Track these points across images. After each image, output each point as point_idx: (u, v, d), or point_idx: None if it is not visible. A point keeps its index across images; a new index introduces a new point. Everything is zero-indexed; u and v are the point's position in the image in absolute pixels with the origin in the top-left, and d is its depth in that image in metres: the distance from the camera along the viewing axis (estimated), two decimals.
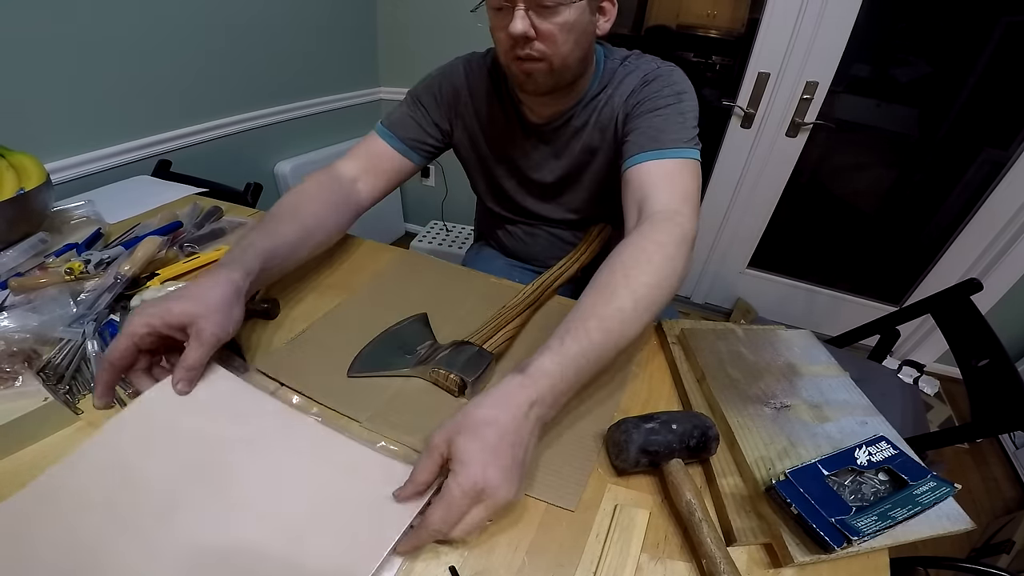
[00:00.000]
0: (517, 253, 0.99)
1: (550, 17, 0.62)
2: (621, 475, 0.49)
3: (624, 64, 0.76)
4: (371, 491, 0.43)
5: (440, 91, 0.82)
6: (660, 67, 0.74)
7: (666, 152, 0.65)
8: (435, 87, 0.82)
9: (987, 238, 1.59)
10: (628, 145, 0.69)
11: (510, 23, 0.61)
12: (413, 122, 0.82)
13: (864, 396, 0.57)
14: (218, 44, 1.35)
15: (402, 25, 1.88)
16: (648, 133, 0.67)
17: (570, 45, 0.65)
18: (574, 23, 0.63)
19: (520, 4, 0.60)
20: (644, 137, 0.67)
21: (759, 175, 1.77)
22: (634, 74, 0.74)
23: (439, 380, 0.56)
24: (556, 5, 0.61)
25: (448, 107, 0.83)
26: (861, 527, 0.39)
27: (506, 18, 0.62)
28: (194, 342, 0.48)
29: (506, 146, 0.84)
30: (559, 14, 0.61)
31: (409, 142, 0.81)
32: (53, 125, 1.06)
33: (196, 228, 0.84)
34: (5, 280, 0.65)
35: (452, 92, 0.82)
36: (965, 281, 0.95)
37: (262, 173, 1.66)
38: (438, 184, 2.19)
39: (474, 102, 0.82)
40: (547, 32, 0.63)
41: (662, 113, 0.69)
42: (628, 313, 0.50)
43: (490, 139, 0.84)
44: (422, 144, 0.82)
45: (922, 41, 1.52)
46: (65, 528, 0.39)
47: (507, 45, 0.65)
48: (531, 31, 0.62)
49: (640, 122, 0.69)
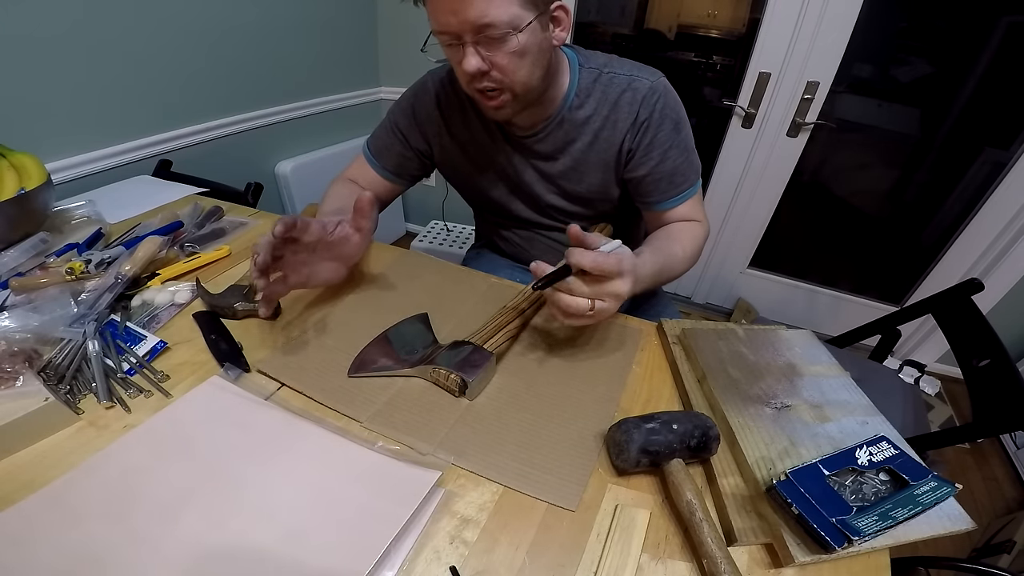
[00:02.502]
0: (516, 256, 0.99)
1: (501, 47, 0.60)
2: (622, 475, 0.49)
3: (604, 74, 0.75)
4: (370, 490, 0.44)
5: (415, 113, 0.82)
6: (653, 84, 0.73)
7: (683, 196, 0.78)
8: (409, 110, 0.82)
9: (988, 238, 1.59)
10: (648, 190, 0.78)
11: (463, 59, 0.60)
12: (394, 150, 0.84)
13: (865, 396, 0.57)
14: (219, 44, 1.35)
15: (402, 25, 1.88)
16: (667, 179, 0.76)
17: (527, 69, 0.64)
18: (526, 47, 0.61)
19: (468, 40, 0.59)
20: (665, 184, 0.77)
21: (760, 175, 1.77)
22: (627, 93, 0.73)
23: (440, 380, 0.56)
24: (503, 35, 0.59)
25: (423, 127, 0.83)
26: (862, 527, 0.39)
27: (458, 54, 0.61)
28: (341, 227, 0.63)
29: (492, 159, 0.83)
30: (508, 43, 0.60)
31: (393, 169, 0.85)
32: (54, 125, 1.07)
33: (197, 228, 0.84)
34: (6, 280, 0.65)
35: (425, 113, 0.82)
36: (966, 281, 0.94)
37: (263, 173, 1.67)
38: (439, 184, 2.20)
39: (448, 120, 0.81)
40: (500, 64, 0.62)
41: (671, 155, 0.75)
42: (679, 258, 0.73)
43: (472, 154, 0.83)
44: (404, 170, 0.86)
45: (923, 41, 1.52)
46: (70, 534, 0.39)
47: (466, 79, 0.64)
48: (483, 66, 0.61)
49: (655, 168, 0.76)
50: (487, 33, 0.58)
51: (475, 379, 0.54)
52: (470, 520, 0.43)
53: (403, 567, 0.39)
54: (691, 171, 0.77)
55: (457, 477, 0.47)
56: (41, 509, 0.41)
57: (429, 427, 0.52)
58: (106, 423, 0.49)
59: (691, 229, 0.78)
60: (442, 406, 0.54)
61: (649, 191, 0.78)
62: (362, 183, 0.86)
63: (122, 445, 0.46)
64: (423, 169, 0.88)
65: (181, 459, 0.46)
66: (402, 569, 0.39)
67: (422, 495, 0.43)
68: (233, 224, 0.88)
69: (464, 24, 0.57)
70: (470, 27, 0.58)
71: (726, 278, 2.05)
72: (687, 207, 0.78)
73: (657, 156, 0.75)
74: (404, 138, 0.83)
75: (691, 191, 0.78)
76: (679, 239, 0.75)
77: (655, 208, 0.79)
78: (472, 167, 0.85)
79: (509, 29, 0.58)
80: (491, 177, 0.85)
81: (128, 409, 0.51)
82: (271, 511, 0.42)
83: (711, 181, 1.84)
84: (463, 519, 0.43)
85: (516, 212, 0.89)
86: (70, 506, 0.41)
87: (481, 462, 0.48)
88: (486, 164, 0.84)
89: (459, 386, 0.55)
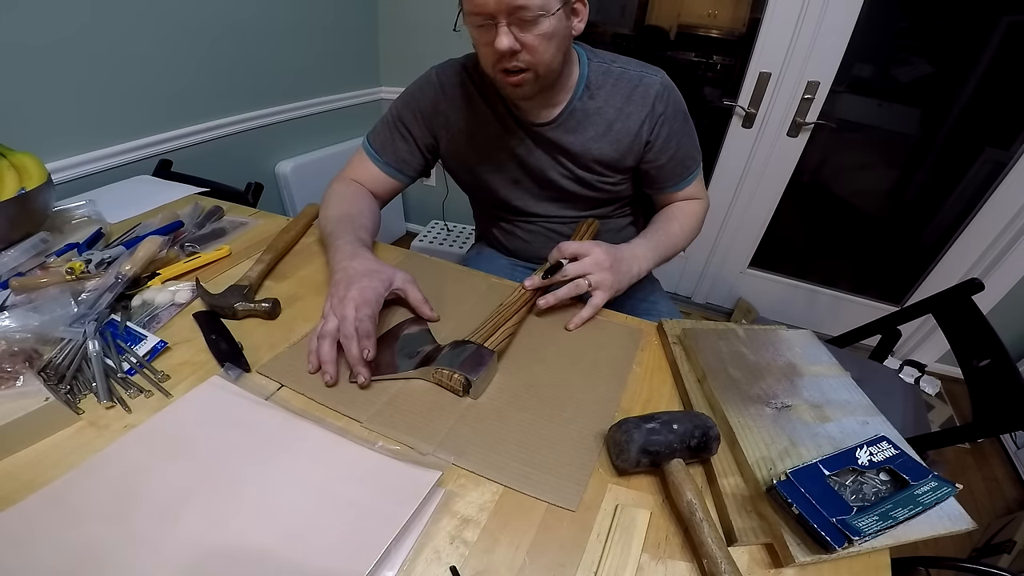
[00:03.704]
0: (517, 251, 1.00)
1: (531, 29, 0.64)
2: (622, 475, 0.49)
3: (614, 68, 0.79)
4: (371, 490, 0.43)
5: (419, 106, 0.83)
6: (662, 80, 0.79)
7: (689, 179, 0.88)
8: (413, 103, 0.83)
9: (988, 238, 1.59)
10: (661, 176, 0.86)
11: (495, 39, 0.64)
12: (396, 144, 0.85)
13: (865, 396, 0.57)
14: (219, 44, 1.35)
15: (402, 25, 1.88)
16: (679, 166, 0.86)
17: (552, 52, 0.68)
18: (554, 31, 0.65)
19: (502, 20, 0.62)
20: (677, 170, 0.86)
21: (760, 175, 1.77)
22: (639, 88, 0.78)
23: (443, 380, 0.56)
24: (536, 17, 0.63)
25: (429, 120, 0.84)
26: (862, 527, 0.39)
27: (489, 34, 0.65)
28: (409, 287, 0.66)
29: (500, 148, 0.84)
30: (539, 25, 0.64)
31: (395, 164, 0.86)
32: (54, 125, 1.07)
33: (197, 228, 0.84)
34: (6, 280, 0.65)
35: (430, 105, 0.83)
36: (966, 281, 0.94)
37: (263, 173, 1.67)
38: (439, 184, 2.20)
39: (453, 111, 0.83)
40: (530, 44, 0.65)
41: (683, 144, 0.84)
42: (677, 235, 0.85)
43: (480, 143, 0.84)
44: (407, 165, 0.86)
45: (923, 41, 1.52)
46: (71, 534, 0.39)
47: (493, 59, 0.68)
48: (516, 45, 0.64)
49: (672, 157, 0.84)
50: (520, 15, 0.62)
51: (478, 378, 0.54)
52: (470, 520, 0.43)
53: (403, 567, 0.39)
54: (696, 156, 0.87)
55: (457, 477, 0.47)
56: (41, 509, 0.40)
57: (429, 427, 0.52)
58: (106, 423, 0.49)
59: (690, 206, 0.90)
60: (442, 406, 0.54)
61: (664, 178, 0.87)
62: (364, 181, 0.86)
63: (122, 445, 0.46)
64: (425, 164, 0.89)
65: (181, 459, 0.46)
66: (402, 569, 0.39)
67: (422, 495, 0.43)
68: (233, 224, 0.88)
69: (500, 4, 0.61)
70: (506, 7, 0.61)
71: (726, 278, 2.05)
72: (691, 188, 0.89)
73: (673, 146, 0.83)
74: (408, 132, 0.84)
75: (695, 173, 0.88)
76: (677, 218, 0.87)
77: (665, 191, 0.89)
78: (479, 157, 0.86)
79: (541, 12, 0.63)
80: (498, 165, 0.87)
81: (128, 409, 0.51)
82: (271, 511, 0.42)
83: (711, 181, 1.84)
84: (463, 519, 0.43)
85: (520, 201, 0.90)
86: (70, 506, 0.41)
87: (481, 462, 0.48)
88: (494, 152, 0.85)
89: (463, 385, 0.55)
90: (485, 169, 0.87)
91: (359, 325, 0.55)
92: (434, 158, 0.90)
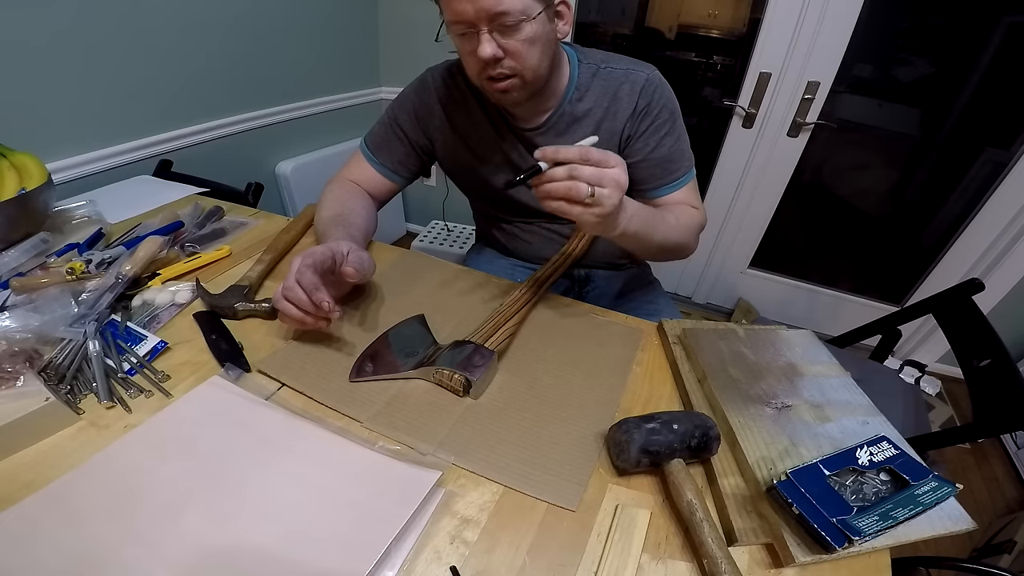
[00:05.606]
0: (517, 252, 1.00)
1: (514, 35, 0.63)
2: (622, 475, 0.49)
3: (602, 69, 0.78)
4: (371, 490, 0.44)
5: (414, 108, 0.83)
6: (649, 75, 0.77)
7: (677, 184, 0.80)
8: (409, 105, 0.84)
9: (989, 238, 1.59)
10: (644, 176, 0.79)
11: (477, 47, 0.63)
12: (392, 146, 0.85)
13: (865, 396, 0.57)
14: (219, 44, 1.35)
15: (402, 25, 1.88)
16: (661, 165, 0.79)
17: (537, 56, 0.66)
18: (537, 36, 0.64)
19: (484, 28, 0.62)
20: (659, 170, 0.79)
21: (760, 175, 1.76)
22: (625, 85, 0.77)
23: (443, 380, 0.56)
24: (518, 23, 0.62)
25: (423, 122, 0.84)
26: (862, 527, 0.39)
27: (472, 42, 0.64)
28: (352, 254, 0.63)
29: (495, 151, 0.84)
30: (521, 31, 0.63)
31: (391, 165, 0.86)
32: (55, 125, 1.06)
33: (197, 228, 0.84)
34: (7, 280, 0.65)
35: (426, 108, 0.83)
36: (967, 281, 0.94)
37: (263, 173, 1.67)
38: (439, 184, 2.20)
39: (448, 113, 0.83)
40: (513, 49, 0.64)
41: (665, 141, 0.78)
42: (672, 225, 0.72)
43: (475, 146, 0.84)
44: (403, 166, 0.86)
45: (924, 41, 1.52)
46: (71, 534, 0.39)
47: (478, 68, 0.67)
48: (499, 52, 0.63)
49: (650, 154, 0.78)
50: (501, 21, 0.61)
51: (479, 378, 0.54)
52: (470, 520, 0.43)
53: (403, 567, 0.39)
54: (684, 158, 0.80)
55: (457, 477, 0.47)
56: (42, 509, 0.41)
57: (429, 427, 0.52)
58: (107, 423, 0.49)
59: (684, 208, 0.80)
60: (442, 406, 0.54)
61: (645, 177, 0.80)
62: (360, 182, 0.86)
63: (123, 445, 0.46)
64: (422, 165, 0.89)
65: (182, 459, 0.46)
66: (402, 569, 0.39)
67: (422, 495, 0.43)
68: (234, 224, 0.89)
69: (480, 12, 0.60)
70: (485, 15, 0.60)
71: (726, 278, 2.05)
72: (681, 194, 0.81)
73: (653, 142, 0.78)
74: (404, 134, 0.84)
75: (685, 179, 0.80)
76: (672, 211, 0.77)
77: (651, 196, 0.81)
78: (475, 159, 0.86)
79: (522, 17, 0.62)
80: (494, 168, 0.86)
81: (129, 409, 0.51)
82: (272, 511, 0.42)
83: (711, 181, 1.84)
84: (463, 519, 0.43)
85: (518, 201, 0.90)
86: (71, 506, 0.41)
87: (481, 462, 0.48)
88: (489, 155, 0.85)
89: (463, 386, 0.55)
90: (481, 171, 0.87)
91: (300, 277, 0.55)
92: (430, 160, 0.90)
